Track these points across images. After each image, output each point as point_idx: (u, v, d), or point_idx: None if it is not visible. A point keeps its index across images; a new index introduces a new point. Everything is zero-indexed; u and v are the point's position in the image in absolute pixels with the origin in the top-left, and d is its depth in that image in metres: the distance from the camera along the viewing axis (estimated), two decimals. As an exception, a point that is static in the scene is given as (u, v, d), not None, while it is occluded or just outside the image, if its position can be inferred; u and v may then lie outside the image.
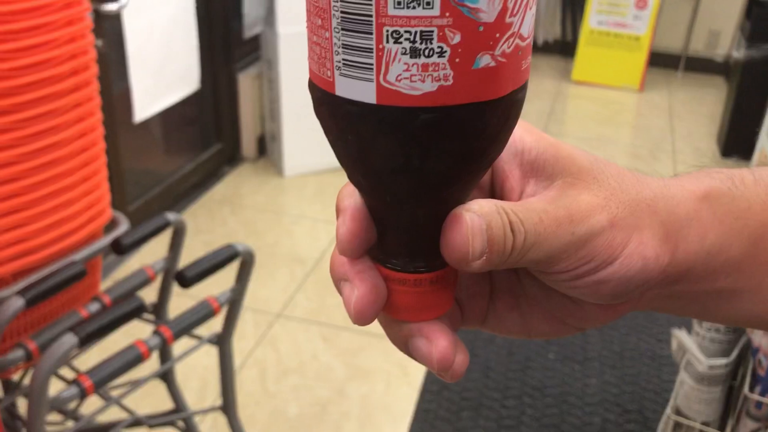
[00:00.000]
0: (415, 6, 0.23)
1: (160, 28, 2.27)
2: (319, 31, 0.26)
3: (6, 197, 1.02)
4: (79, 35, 1.07)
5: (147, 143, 2.57)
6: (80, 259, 1.10)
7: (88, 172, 1.13)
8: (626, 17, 3.79)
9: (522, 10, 0.25)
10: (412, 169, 0.26)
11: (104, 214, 1.18)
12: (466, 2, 0.23)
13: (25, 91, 1.00)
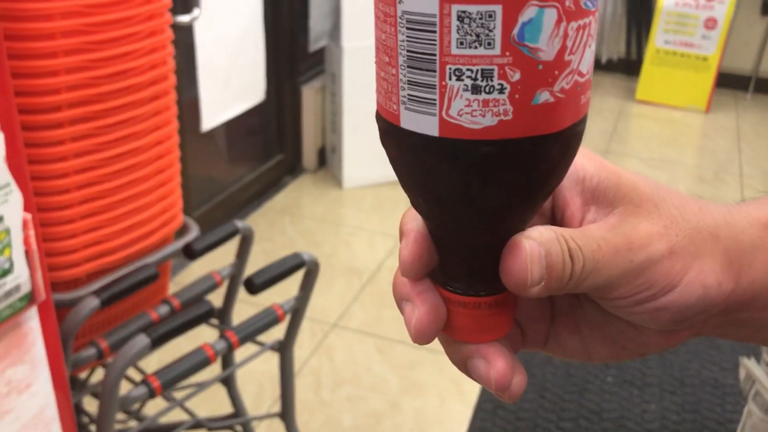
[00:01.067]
0: (477, 46, 0.24)
1: (229, 40, 2.33)
2: (387, 67, 0.27)
3: (85, 200, 1.06)
4: (159, 46, 1.11)
5: (212, 151, 2.63)
6: (153, 262, 1.13)
7: (163, 178, 1.16)
8: (694, 37, 3.71)
9: (581, 48, 0.26)
10: (473, 198, 0.27)
11: (177, 219, 1.21)
12: (526, 42, 0.24)
13: (108, 98, 1.04)
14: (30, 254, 0.81)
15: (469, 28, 0.24)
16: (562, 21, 0.24)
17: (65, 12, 0.96)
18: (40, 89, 0.97)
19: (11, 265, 0.78)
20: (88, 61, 1.00)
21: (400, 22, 0.25)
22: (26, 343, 0.85)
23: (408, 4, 0.25)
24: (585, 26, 0.25)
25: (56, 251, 1.05)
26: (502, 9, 0.24)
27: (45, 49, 0.95)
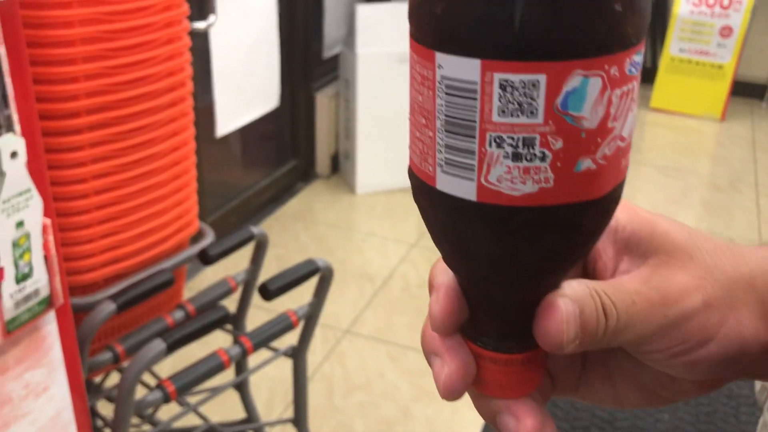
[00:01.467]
0: (519, 114, 0.24)
1: (244, 46, 2.35)
2: (423, 129, 0.26)
3: (102, 206, 1.07)
4: (177, 53, 1.12)
5: (226, 157, 2.65)
6: (168, 267, 1.14)
7: (179, 184, 1.17)
8: (709, 45, 3.70)
9: (624, 114, 0.25)
10: (509, 262, 0.27)
11: (192, 224, 1.22)
12: (569, 111, 0.24)
13: (126, 105, 1.05)
14: (49, 259, 0.82)
15: (512, 96, 0.23)
16: (607, 89, 0.24)
17: (85, 19, 0.97)
18: (60, 95, 0.98)
19: (30, 269, 0.79)
20: (107, 68, 1.01)
21: (438, 86, 0.25)
22: (44, 346, 0.86)
23: (448, 70, 0.24)
24: (628, 92, 0.25)
25: (74, 256, 1.06)
26: (546, 78, 0.23)
27: (65, 55, 0.97)
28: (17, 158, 0.74)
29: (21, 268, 0.77)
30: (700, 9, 3.66)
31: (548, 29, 0.23)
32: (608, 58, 0.24)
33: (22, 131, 0.77)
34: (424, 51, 0.25)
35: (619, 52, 0.24)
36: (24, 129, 0.77)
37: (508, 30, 0.23)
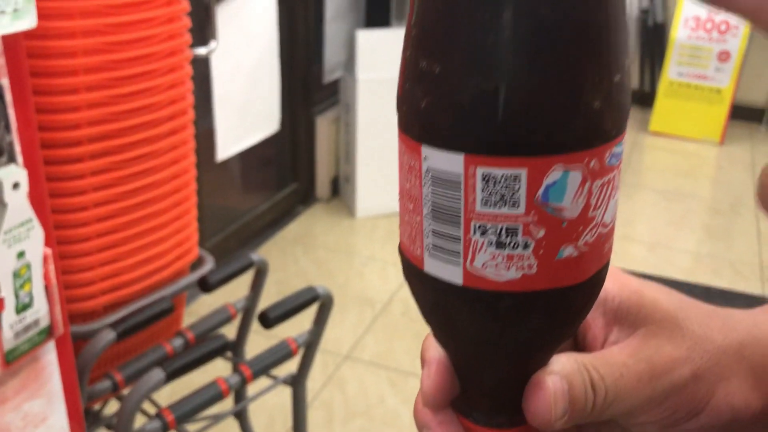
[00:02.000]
0: (502, 206, 0.24)
1: (245, 70, 2.36)
2: (411, 214, 0.27)
3: (103, 233, 1.07)
4: (179, 82, 1.13)
5: (226, 181, 2.65)
6: (168, 295, 1.14)
7: (179, 211, 1.17)
8: (708, 69, 3.72)
9: (605, 202, 0.26)
10: (496, 343, 0.28)
11: (192, 251, 1.22)
12: (550, 202, 0.24)
13: (127, 133, 1.05)
14: (49, 289, 0.82)
15: (494, 188, 0.24)
16: (587, 181, 0.25)
17: (88, 49, 0.98)
18: (63, 124, 0.99)
19: (31, 299, 0.79)
20: (110, 97, 1.02)
21: (425, 177, 0.26)
22: (43, 376, 0.85)
23: (433, 161, 0.25)
24: (609, 181, 0.26)
25: (74, 283, 1.06)
26: (527, 172, 0.24)
27: (68, 84, 0.97)
28: (19, 189, 0.74)
29: (21, 298, 0.77)
30: (698, 34, 3.69)
31: (529, 127, 0.24)
32: (588, 153, 0.24)
33: (24, 162, 0.77)
34: (410, 142, 0.26)
35: (599, 146, 0.25)
36: (26, 159, 0.77)
37: (490, 127, 0.24)
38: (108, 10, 0.98)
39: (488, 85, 0.23)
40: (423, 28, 0.25)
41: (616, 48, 0.25)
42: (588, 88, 0.24)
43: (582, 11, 0.23)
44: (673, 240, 2.83)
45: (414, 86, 0.26)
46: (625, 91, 0.26)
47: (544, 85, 0.23)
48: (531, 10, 0.23)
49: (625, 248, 2.72)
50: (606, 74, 0.24)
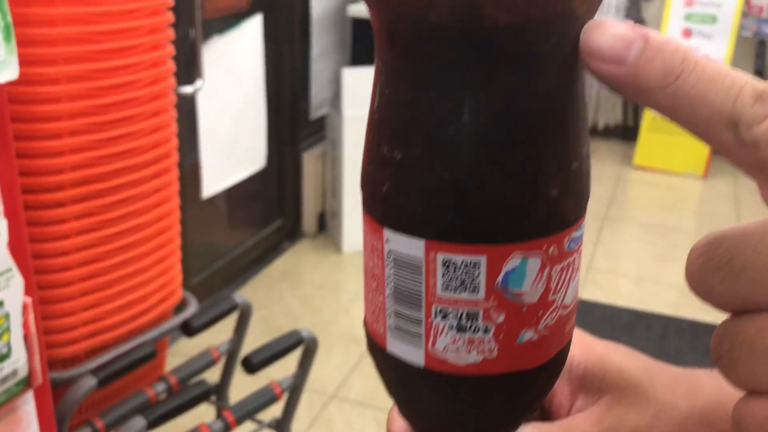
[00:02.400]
0: (462, 291, 0.25)
1: (231, 108, 2.37)
2: (374, 292, 0.27)
3: (85, 278, 1.06)
4: (163, 125, 1.13)
5: (211, 217, 2.65)
6: (151, 339, 1.13)
7: (163, 254, 1.17)
8: (689, 104, 3.77)
9: (565, 286, 0.26)
10: (457, 422, 0.28)
11: (176, 294, 1.21)
12: (510, 288, 0.25)
13: (110, 177, 1.05)
14: (29, 338, 0.81)
15: (454, 274, 0.24)
16: (546, 266, 0.25)
17: (72, 95, 0.98)
18: (45, 169, 0.98)
19: (9, 350, 0.78)
20: (93, 142, 1.02)
21: (387, 258, 0.26)
22: (21, 428, 0.84)
23: (394, 244, 0.25)
24: (569, 265, 0.26)
25: (55, 329, 1.05)
26: (487, 259, 0.24)
27: (51, 130, 0.97)
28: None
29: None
30: (679, 69, 3.75)
31: (487, 215, 0.24)
32: (547, 240, 0.25)
33: (5, 211, 0.76)
34: (373, 223, 0.26)
35: (557, 233, 0.25)
36: (7, 209, 0.77)
37: (450, 215, 0.24)
38: (92, 55, 0.99)
39: (448, 174, 0.24)
40: (384, 115, 0.26)
41: (574, 137, 0.25)
42: (545, 178, 0.24)
43: (538, 103, 0.24)
44: (659, 274, 2.84)
45: (376, 170, 0.26)
46: (584, 177, 0.26)
47: (501, 176, 0.24)
48: (488, 103, 0.23)
49: (611, 283, 2.73)
50: (563, 163, 0.25)
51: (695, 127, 0.21)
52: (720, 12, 3.64)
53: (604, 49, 0.22)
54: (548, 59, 0.24)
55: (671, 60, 0.21)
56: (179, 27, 1.20)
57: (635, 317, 2.44)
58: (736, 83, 0.21)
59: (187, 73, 2.10)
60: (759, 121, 0.20)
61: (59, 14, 0.94)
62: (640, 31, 0.22)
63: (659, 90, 0.21)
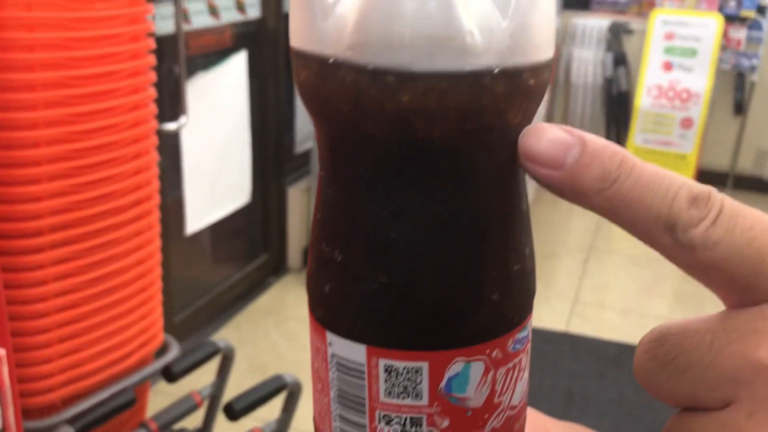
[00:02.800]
0: (405, 397, 0.24)
1: (216, 144, 2.36)
2: (320, 393, 0.27)
3: (62, 324, 1.04)
4: (144, 168, 1.12)
5: (195, 253, 2.62)
6: (130, 386, 1.10)
7: (143, 297, 1.15)
8: (672, 136, 3.81)
9: (511, 387, 0.26)
10: None
11: (157, 338, 1.19)
12: (453, 393, 0.24)
13: (89, 222, 1.04)
14: (3, 390, 0.78)
15: (397, 380, 0.24)
16: (490, 370, 0.25)
17: (51, 140, 0.97)
18: (22, 215, 0.97)
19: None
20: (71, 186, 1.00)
21: (330, 361, 0.25)
22: (-7, 484, 0.81)
23: (337, 348, 0.25)
24: (514, 366, 0.26)
25: (31, 377, 1.02)
26: (429, 365, 0.24)
27: (29, 176, 0.96)
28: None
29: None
30: (661, 102, 3.80)
31: (428, 322, 0.24)
32: (489, 344, 0.24)
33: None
34: (317, 325, 0.26)
35: (500, 336, 0.25)
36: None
37: (390, 321, 0.24)
38: (71, 99, 0.98)
39: (386, 279, 0.23)
40: (326, 215, 0.25)
41: (514, 239, 0.25)
42: (485, 283, 0.24)
43: (476, 209, 0.24)
44: (645, 306, 2.84)
45: (318, 269, 0.26)
46: (526, 277, 0.26)
47: (440, 282, 0.24)
48: (425, 210, 0.23)
49: (598, 315, 2.72)
50: (504, 266, 0.25)
51: (634, 229, 0.22)
52: (699, 45, 3.70)
53: (542, 154, 0.23)
54: (484, 167, 0.24)
55: (608, 164, 0.22)
56: (163, 64, 1.20)
57: (621, 350, 2.43)
58: (672, 187, 0.21)
59: (172, 109, 2.10)
60: (695, 224, 0.21)
61: (38, 58, 0.93)
62: (577, 135, 0.22)
63: (596, 194, 0.22)
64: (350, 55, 0.22)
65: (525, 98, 0.23)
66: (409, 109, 0.22)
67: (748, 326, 0.21)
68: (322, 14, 0.23)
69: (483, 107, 0.22)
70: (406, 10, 0.21)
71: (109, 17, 1.00)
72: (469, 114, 0.22)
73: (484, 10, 0.22)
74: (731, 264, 0.21)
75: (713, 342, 0.21)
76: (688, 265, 0.22)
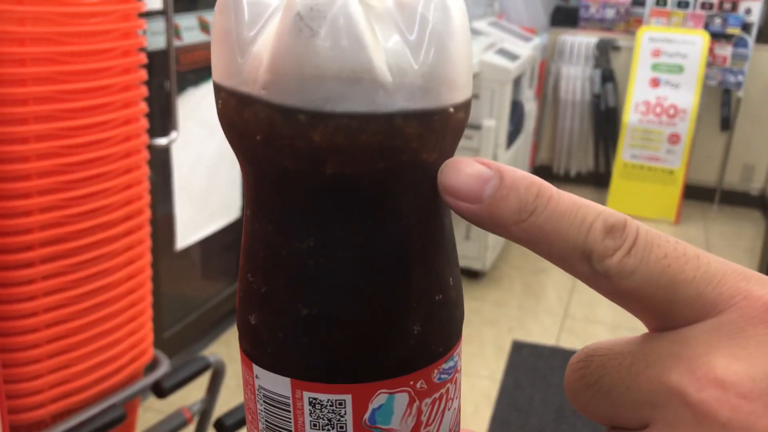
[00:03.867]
0: (329, 429, 0.24)
1: (206, 160, 2.36)
2: (250, 425, 0.27)
3: (52, 339, 1.04)
4: (135, 182, 1.12)
5: (185, 268, 2.61)
6: (120, 401, 1.09)
7: (134, 312, 1.14)
8: (659, 151, 3.84)
9: (439, 417, 0.26)
10: None
11: (147, 353, 1.18)
12: (378, 425, 0.24)
13: (80, 236, 1.03)
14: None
15: (321, 413, 0.24)
16: (415, 401, 0.25)
17: (42, 153, 0.97)
18: (13, 228, 0.96)
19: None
20: (63, 200, 1.00)
21: (258, 393, 0.26)
22: (-19, 501, 0.80)
23: (263, 381, 0.25)
24: (441, 396, 0.26)
25: (20, 393, 1.01)
26: (352, 398, 0.24)
27: (19, 189, 0.96)
28: (-39, 305, 0.71)
29: (-41, 420, 0.73)
30: (648, 118, 3.83)
31: (348, 355, 0.24)
32: (413, 375, 0.25)
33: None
34: (244, 357, 0.26)
35: (424, 367, 0.25)
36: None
37: (312, 354, 0.24)
38: (62, 114, 0.98)
39: (307, 312, 0.24)
40: (250, 245, 0.25)
41: (435, 270, 0.25)
42: (405, 315, 0.24)
43: (394, 242, 0.24)
44: (634, 321, 2.82)
45: (244, 301, 0.26)
46: (450, 307, 0.26)
47: (360, 314, 0.24)
48: (343, 242, 0.23)
49: (587, 331, 2.73)
50: (425, 298, 0.25)
51: (553, 258, 0.22)
52: (686, 62, 3.74)
53: (460, 187, 0.23)
54: (401, 201, 0.24)
55: (525, 196, 0.22)
56: (154, 79, 1.20)
57: (612, 365, 2.44)
58: (588, 217, 0.22)
59: (162, 125, 2.10)
60: (610, 254, 0.21)
61: (29, 73, 0.93)
62: (495, 168, 0.23)
63: (514, 226, 0.22)
64: (264, 93, 0.22)
65: (439, 138, 0.24)
66: (321, 147, 0.22)
67: (663, 350, 0.21)
68: (240, 51, 0.23)
69: (394, 147, 0.23)
70: (318, 52, 0.22)
71: (100, 32, 1.00)
72: (382, 153, 0.22)
73: (396, 52, 0.22)
74: (647, 292, 0.22)
75: (632, 365, 0.21)
76: (608, 293, 0.22)
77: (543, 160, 4.38)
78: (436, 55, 0.23)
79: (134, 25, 1.07)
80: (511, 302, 2.89)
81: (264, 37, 0.23)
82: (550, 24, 4.22)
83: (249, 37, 0.23)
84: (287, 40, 0.22)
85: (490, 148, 2.73)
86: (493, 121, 2.72)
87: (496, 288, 2.99)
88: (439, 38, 0.23)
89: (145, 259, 1.16)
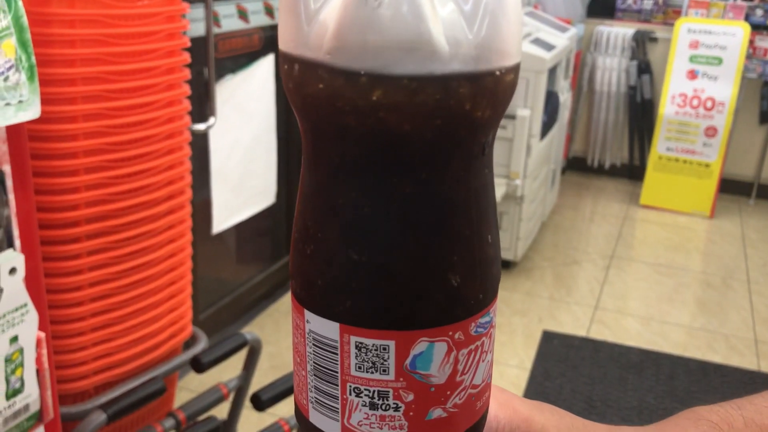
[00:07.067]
0: (373, 371, 0.27)
1: (243, 145, 2.40)
2: (298, 366, 0.30)
3: (96, 313, 1.07)
4: (177, 162, 1.15)
5: (220, 253, 2.66)
6: (160, 375, 1.13)
7: (174, 290, 1.18)
8: (696, 144, 3.79)
9: (473, 367, 0.28)
10: None
11: (186, 330, 1.22)
12: (418, 370, 0.27)
13: (124, 214, 1.07)
14: (41, 373, 0.81)
15: (366, 356, 0.27)
16: (453, 351, 0.27)
17: (88, 132, 1.00)
18: (61, 205, 1.00)
19: (22, 384, 0.78)
20: (108, 179, 1.03)
21: (308, 337, 0.28)
22: (31, 462, 0.84)
23: (314, 325, 0.28)
24: (476, 348, 0.28)
25: (66, 364, 1.05)
26: (395, 344, 0.26)
27: (67, 166, 0.99)
28: (16, 274, 0.75)
29: (12, 383, 0.77)
30: (685, 110, 3.78)
31: (394, 303, 0.26)
32: (452, 326, 0.27)
33: (22, 247, 0.78)
34: (296, 303, 0.28)
35: (462, 320, 0.27)
36: (24, 244, 0.78)
37: (360, 301, 0.26)
38: (109, 94, 1.01)
39: (356, 258, 0.26)
40: (306, 195, 0.28)
41: (477, 227, 0.27)
42: (447, 267, 0.26)
43: (441, 197, 0.26)
44: (666, 314, 2.82)
45: (297, 252, 0.28)
46: (488, 264, 0.28)
47: (405, 264, 0.26)
48: (394, 195, 0.26)
49: (618, 323, 2.72)
50: (466, 253, 0.27)
51: None
52: (725, 54, 3.68)
53: None
54: (452, 158, 0.26)
55: None
56: (193, 66, 1.23)
57: (644, 356, 2.43)
58: None
59: (200, 111, 2.13)
60: None
61: (78, 54, 0.97)
62: None
63: None
64: (328, 58, 0.25)
65: (490, 98, 0.25)
66: (381, 106, 0.24)
67: None
68: (306, 20, 0.25)
69: (450, 106, 0.25)
70: (381, 22, 0.24)
71: (146, 14, 1.03)
72: (438, 111, 0.24)
73: (452, 23, 0.24)
74: None
75: None
76: None
77: (577, 151, 4.34)
78: (489, 26, 0.25)
79: (179, 9, 1.09)
80: (542, 293, 2.89)
81: (329, 7, 0.25)
82: (587, 15, 4.18)
83: (315, 8, 0.25)
84: (352, 10, 0.24)
85: (524, 138, 2.73)
86: (528, 111, 2.71)
87: (527, 278, 2.99)
88: (493, 8, 0.25)
89: (185, 238, 1.19)
